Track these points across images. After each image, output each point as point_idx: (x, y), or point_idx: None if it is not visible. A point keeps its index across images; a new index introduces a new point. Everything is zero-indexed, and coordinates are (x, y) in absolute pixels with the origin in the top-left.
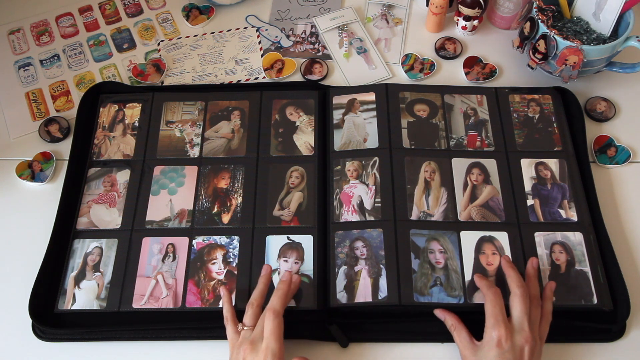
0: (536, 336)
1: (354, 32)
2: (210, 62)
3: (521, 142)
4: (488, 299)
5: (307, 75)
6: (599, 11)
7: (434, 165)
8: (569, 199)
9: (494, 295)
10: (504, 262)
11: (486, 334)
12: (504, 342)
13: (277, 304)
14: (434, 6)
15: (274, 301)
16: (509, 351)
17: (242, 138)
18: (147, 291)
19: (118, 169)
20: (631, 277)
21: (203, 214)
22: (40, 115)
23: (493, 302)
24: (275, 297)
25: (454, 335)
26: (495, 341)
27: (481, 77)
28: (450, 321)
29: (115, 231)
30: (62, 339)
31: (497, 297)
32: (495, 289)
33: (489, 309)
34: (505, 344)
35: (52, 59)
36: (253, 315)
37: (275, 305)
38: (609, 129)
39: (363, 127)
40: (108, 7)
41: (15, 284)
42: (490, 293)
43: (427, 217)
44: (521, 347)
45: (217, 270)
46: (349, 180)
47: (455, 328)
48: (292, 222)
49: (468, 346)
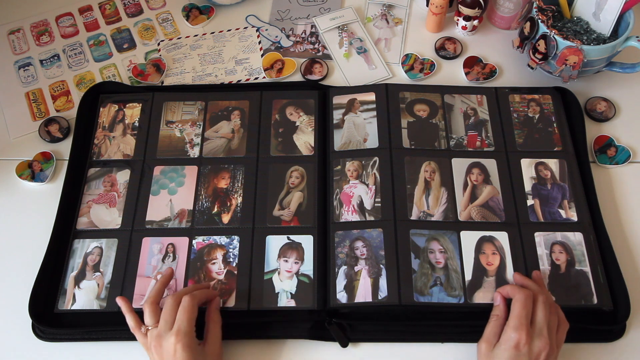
0: (554, 343)
1: (354, 32)
2: (210, 62)
3: (521, 142)
4: (518, 299)
5: (307, 75)
6: (599, 11)
7: (434, 165)
8: (569, 199)
9: (525, 298)
10: (517, 278)
11: (506, 333)
12: (522, 346)
13: (193, 290)
14: (434, 6)
15: (191, 288)
16: (525, 355)
17: (242, 138)
18: (147, 291)
19: (118, 169)
20: (631, 277)
21: (203, 214)
22: (40, 115)
23: (522, 304)
24: (193, 287)
25: (489, 323)
26: (513, 343)
27: (481, 77)
28: (500, 312)
29: (115, 231)
30: (62, 339)
31: (528, 300)
32: (528, 292)
33: (516, 309)
34: (523, 348)
35: (52, 59)
36: (152, 313)
37: (191, 290)
38: (609, 129)
39: (363, 127)
40: (108, 7)
41: (15, 284)
42: (523, 295)
43: (427, 217)
44: (538, 353)
45: (217, 270)
46: (349, 180)
47: (497, 319)
48: (292, 222)
49: (491, 340)
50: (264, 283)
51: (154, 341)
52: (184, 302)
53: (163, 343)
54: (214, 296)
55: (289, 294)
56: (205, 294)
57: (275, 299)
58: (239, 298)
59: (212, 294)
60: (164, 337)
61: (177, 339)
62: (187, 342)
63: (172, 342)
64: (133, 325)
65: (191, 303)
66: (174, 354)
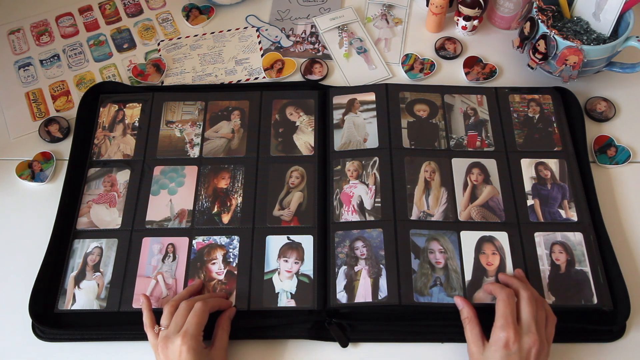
0: (543, 338)
1: (354, 32)
2: (210, 62)
3: (521, 142)
4: (500, 299)
5: (307, 75)
6: (599, 11)
7: (434, 165)
8: (569, 199)
9: (507, 296)
10: (502, 277)
11: (494, 334)
12: (512, 344)
13: (209, 297)
14: (434, 6)
15: (206, 296)
16: (516, 353)
17: (242, 138)
18: (147, 291)
19: (118, 169)
20: (631, 277)
21: (203, 214)
22: (40, 115)
23: (505, 302)
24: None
25: (465, 329)
26: (502, 342)
27: (481, 77)
28: (467, 313)
29: (115, 231)
30: (62, 339)
31: (510, 298)
32: (508, 290)
33: (500, 308)
34: (512, 346)
35: (52, 59)
36: (169, 315)
37: (206, 298)
38: (609, 129)
39: (363, 127)
40: (108, 7)
41: (15, 284)
42: (504, 293)
43: (427, 217)
44: (528, 350)
45: (217, 270)
46: (349, 180)
47: (469, 321)
48: (292, 222)
49: (477, 343)
50: (264, 283)
51: (162, 342)
52: (196, 307)
53: (169, 344)
54: (229, 305)
55: (289, 294)
56: (218, 302)
57: (275, 299)
58: (239, 298)
59: (227, 303)
60: (171, 339)
61: (183, 341)
62: (192, 345)
63: (179, 344)
64: (148, 324)
65: (202, 308)
66: (179, 356)
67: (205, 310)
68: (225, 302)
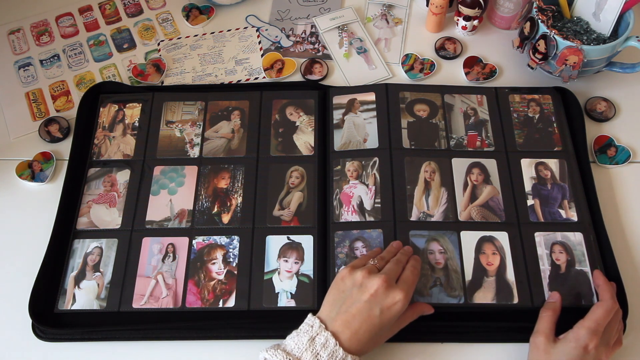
0: (609, 355)
1: (354, 32)
2: (210, 62)
3: (521, 142)
4: (604, 307)
5: (307, 75)
6: (599, 11)
7: (434, 165)
8: (569, 199)
9: (611, 308)
10: (600, 279)
11: (578, 331)
12: (591, 349)
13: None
14: (434, 6)
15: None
16: (592, 358)
17: (242, 138)
18: (147, 291)
19: (118, 169)
20: (631, 277)
21: (203, 214)
22: (40, 115)
23: (607, 313)
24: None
25: (543, 316)
26: (584, 343)
27: (481, 77)
28: (555, 306)
29: (115, 231)
30: (62, 339)
31: (613, 312)
32: (617, 305)
33: (598, 313)
34: (591, 351)
35: (52, 59)
36: (382, 261)
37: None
38: (609, 129)
39: (363, 127)
40: (108, 7)
41: (15, 284)
42: (611, 304)
43: (427, 217)
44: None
45: (217, 270)
46: (349, 181)
47: (553, 312)
48: (292, 222)
49: (550, 334)
50: (263, 283)
51: (385, 283)
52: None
53: (391, 292)
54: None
55: (289, 294)
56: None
57: (275, 299)
58: (239, 298)
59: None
60: (394, 288)
61: (405, 299)
62: (405, 305)
63: (400, 297)
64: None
65: (419, 268)
66: (393, 306)
67: (418, 273)
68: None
